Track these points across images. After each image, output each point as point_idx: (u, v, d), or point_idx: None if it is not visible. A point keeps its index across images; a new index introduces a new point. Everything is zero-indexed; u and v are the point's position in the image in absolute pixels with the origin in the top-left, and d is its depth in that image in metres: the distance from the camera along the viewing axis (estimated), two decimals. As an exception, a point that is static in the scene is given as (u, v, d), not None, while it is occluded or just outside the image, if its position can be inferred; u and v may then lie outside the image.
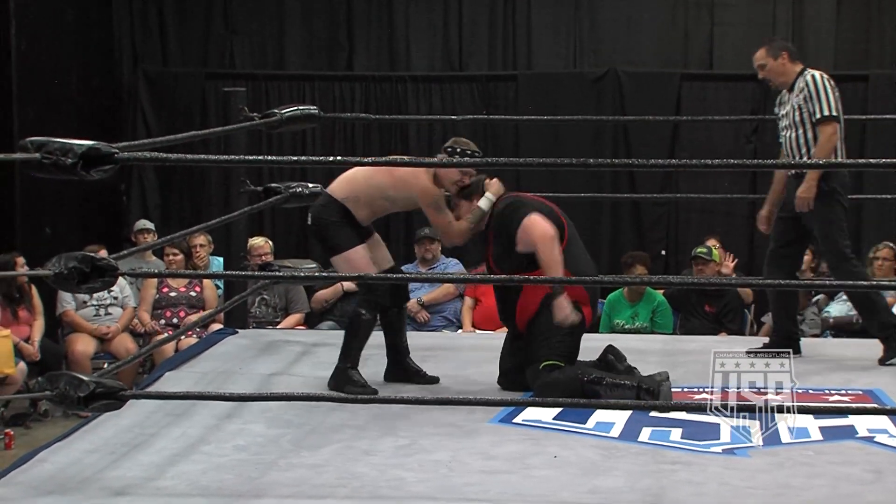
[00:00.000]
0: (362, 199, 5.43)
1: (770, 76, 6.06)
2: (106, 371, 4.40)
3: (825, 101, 5.85)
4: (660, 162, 5.53)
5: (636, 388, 5.03)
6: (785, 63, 6.03)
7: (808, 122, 5.90)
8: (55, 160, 3.71)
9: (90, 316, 8.78)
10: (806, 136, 5.91)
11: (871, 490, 3.93)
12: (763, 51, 6.08)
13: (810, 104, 5.87)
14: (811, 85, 5.89)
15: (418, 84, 10.84)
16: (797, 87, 5.96)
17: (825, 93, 5.86)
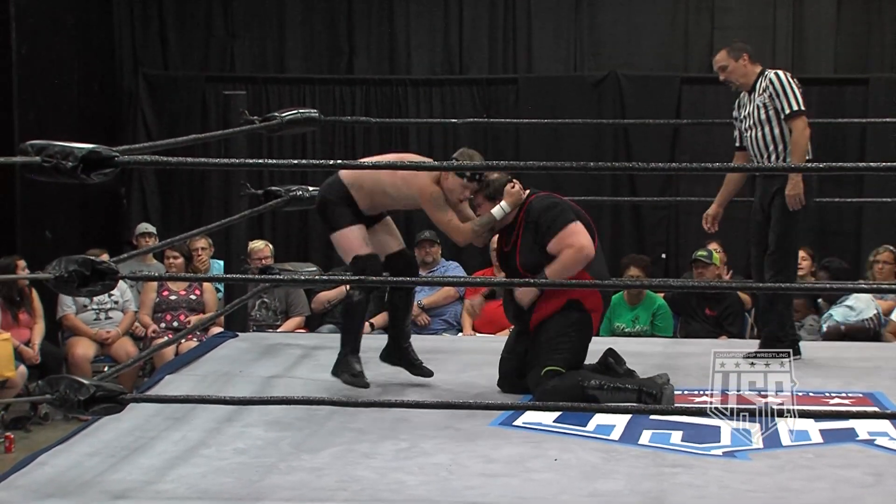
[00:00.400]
0: (365, 188, 5.44)
1: (732, 78, 6.11)
2: (106, 374, 4.40)
3: (792, 96, 5.93)
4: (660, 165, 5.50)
5: (638, 391, 5.03)
6: (746, 64, 6.09)
7: (774, 119, 5.96)
8: (56, 163, 3.72)
9: (90, 320, 8.78)
10: (773, 133, 5.97)
11: (871, 493, 3.93)
12: (724, 53, 6.14)
13: (777, 101, 5.94)
14: (776, 82, 5.96)
15: (418, 87, 10.84)
16: (759, 87, 6.03)
17: (791, 89, 5.95)
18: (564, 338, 5.18)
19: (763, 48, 10.44)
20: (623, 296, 8.50)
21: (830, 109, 10.06)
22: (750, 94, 6.09)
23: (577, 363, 5.24)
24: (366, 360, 5.88)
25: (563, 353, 5.17)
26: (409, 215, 10.69)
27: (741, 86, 6.13)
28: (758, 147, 6.03)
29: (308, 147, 10.78)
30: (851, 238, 10.23)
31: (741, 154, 6.26)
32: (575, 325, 5.21)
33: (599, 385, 5.06)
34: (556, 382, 5.07)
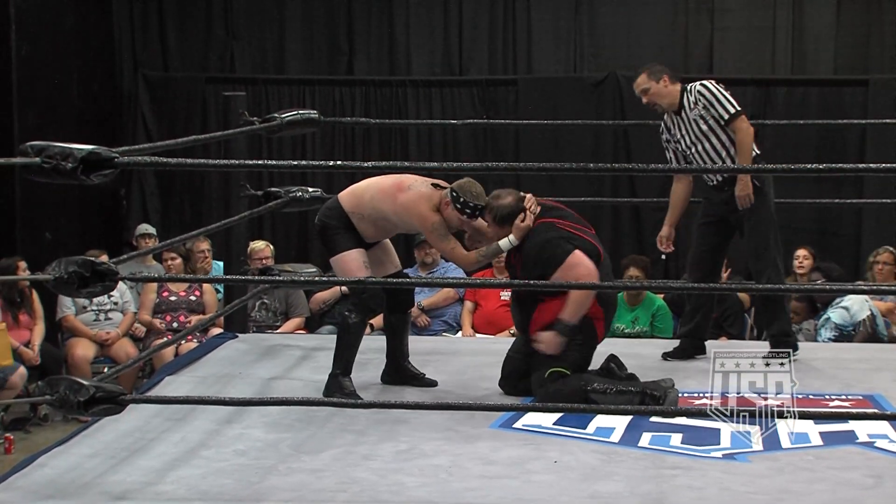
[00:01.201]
0: (366, 216, 5.42)
1: (655, 99, 6.06)
2: (106, 375, 4.40)
3: (726, 101, 5.92)
4: (660, 167, 5.51)
5: (641, 394, 5.02)
6: (667, 85, 6.05)
7: (716, 128, 5.94)
8: (55, 165, 3.72)
9: (90, 321, 8.78)
10: (720, 140, 5.95)
11: (871, 495, 3.93)
12: (644, 76, 6.08)
13: (713, 109, 5.92)
14: (706, 93, 5.94)
15: (418, 88, 10.85)
16: (689, 102, 5.99)
17: (722, 94, 5.94)
18: (570, 342, 5.17)
19: (763, 50, 10.47)
20: (623, 297, 8.50)
21: (830, 110, 10.08)
22: (679, 114, 6.04)
23: (581, 367, 5.24)
24: (366, 361, 5.89)
25: (569, 356, 5.16)
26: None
27: (667, 107, 6.06)
28: (708, 160, 5.98)
29: (308, 148, 10.78)
30: (851, 239, 10.23)
31: (682, 177, 6.24)
32: (579, 330, 5.19)
33: (603, 388, 5.05)
34: (559, 385, 5.07)
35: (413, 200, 5.32)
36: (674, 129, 6.11)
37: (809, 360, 6.01)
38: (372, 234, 5.48)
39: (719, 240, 6.19)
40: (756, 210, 5.95)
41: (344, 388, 5.25)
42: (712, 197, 6.11)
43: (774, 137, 10.08)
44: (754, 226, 5.98)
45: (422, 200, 5.33)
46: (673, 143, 6.17)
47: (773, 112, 10.18)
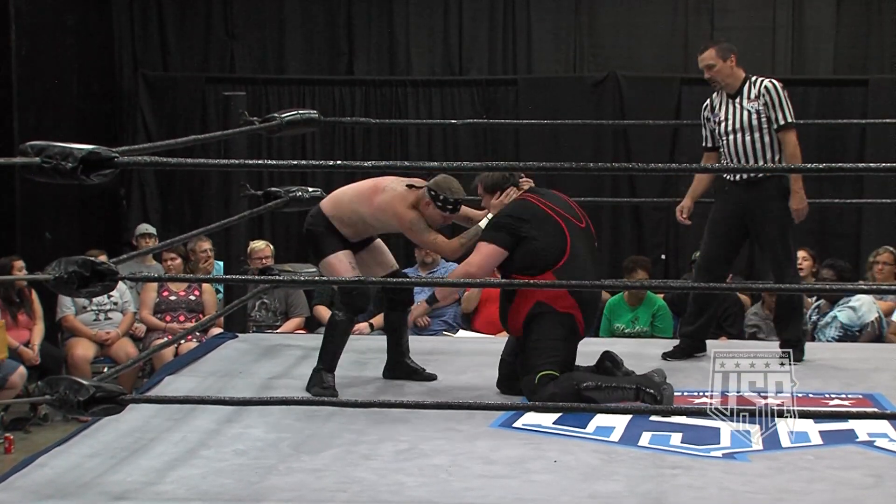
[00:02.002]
0: (345, 220, 5.51)
1: (718, 77, 6.06)
2: (106, 375, 4.40)
3: (787, 108, 5.93)
4: (660, 166, 5.53)
5: (636, 390, 5.00)
6: (733, 66, 6.07)
7: (766, 127, 5.93)
8: (55, 164, 3.71)
9: (90, 321, 8.78)
10: (763, 140, 5.94)
11: (870, 495, 3.93)
12: (712, 51, 6.08)
13: (771, 110, 5.92)
14: (773, 91, 5.95)
15: (418, 88, 10.85)
16: (751, 93, 5.99)
17: (786, 101, 5.95)
18: (549, 340, 5.14)
19: (763, 49, 10.46)
20: (623, 297, 8.50)
21: (830, 110, 10.08)
22: (733, 98, 6.02)
23: (566, 362, 5.20)
24: (366, 361, 5.90)
25: (553, 356, 5.12)
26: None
27: (727, 87, 6.05)
28: (744, 153, 5.97)
29: (308, 148, 10.79)
30: (851, 239, 10.24)
31: (712, 155, 6.18)
32: (558, 326, 5.16)
33: (596, 385, 5.03)
34: (551, 388, 5.03)
35: (388, 202, 5.41)
36: (718, 110, 6.08)
37: (809, 360, 6.02)
38: (351, 233, 5.56)
39: (732, 242, 6.16)
40: (780, 218, 5.94)
41: (323, 382, 5.30)
42: (732, 196, 6.04)
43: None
44: (779, 234, 5.97)
45: (397, 200, 5.40)
46: (713, 123, 6.13)
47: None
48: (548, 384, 5.05)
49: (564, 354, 5.19)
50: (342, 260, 5.47)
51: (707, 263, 6.16)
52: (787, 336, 6.00)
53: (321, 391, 5.24)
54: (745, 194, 5.98)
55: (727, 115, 6.03)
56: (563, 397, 4.97)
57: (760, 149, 5.94)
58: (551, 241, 5.20)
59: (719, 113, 6.07)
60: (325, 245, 5.50)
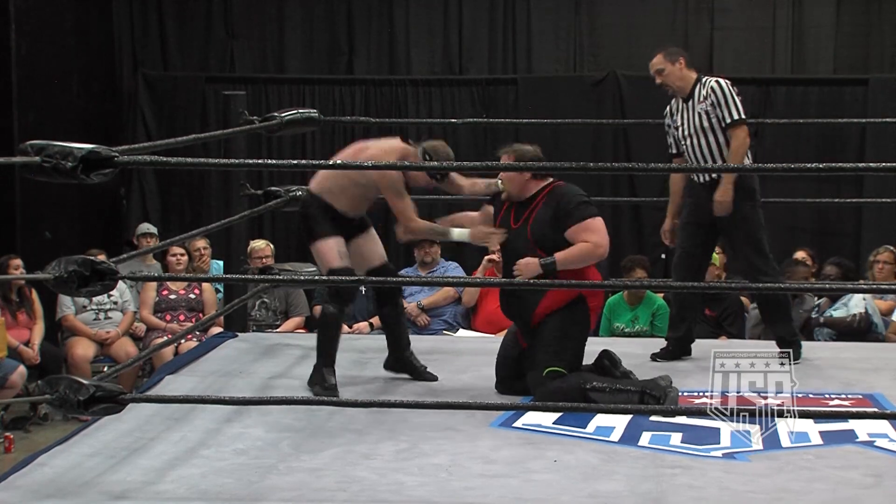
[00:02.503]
0: (335, 189, 5.48)
1: (669, 81, 6.06)
2: (106, 375, 4.40)
3: (734, 105, 5.91)
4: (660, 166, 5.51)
5: (641, 392, 5.01)
6: (682, 69, 6.06)
7: (717, 127, 5.93)
8: (55, 164, 3.71)
9: (90, 320, 8.79)
10: (717, 141, 5.94)
11: (870, 494, 3.93)
12: (660, 56, 6.07)
13: (719, 110, 5.91)
14: (718, 91, 5.93)
15: (418, 88, 10.86)
16: (699, 94, 5.98)
17: (732, 98, 5.93)
18: (567, 339, 5.16)
19: (762, 49, 10.48)
20: (623, 296, 8.50)
21: (830, 110, 10.09)
22: (686, 102, 6.03)
23: (576, 362, 5.22)
24: (366, 360, 5.90)
25: (565, 354, 5.15)
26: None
27: (677, 90, 6.06)
28: (701, 156, 5.98)
29: (308, 147, 10.78)
30: (851, 238, 10.23)
31: (680, 160, 6.19)
32: (578, 324, 5.20)
33: (602, 387, 5.04)
34: (558, 384, 5.06)
35: (375, 155, 5.42)
36: (676, 115, 6.11)
37: (809, 360, 6.02)
38: (348, 205, 5.52)
39: (704, 243, 6.16)
40: (748, 216, 5.94)
41: (325, 382, 5.29)
42: (700, 197, 6.04)
43: (774, 137, 10.09)
44: (748, 231, 5.96)
45: (384, 154, 5.42)
46: (673, 129, 6.15)
47: (772, 111, 10.19)
48: (554, 379, 5.06)
49: (574, 353, 5.21)
50: (332, 247, 5.44)
51: (681, 262, 6.15)
52: (781, 334, 5.99)
53: (322, 391, 5.23)
54: (708, 195, 5.97)
55: (682, 119, 6.06)
56: (567, 394, 4.98)
57: (716, 150, 5.94)
58: None
59: (677, 118, 6.09)
60: (317, 228, 5.47)
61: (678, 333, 6.18)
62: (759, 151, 10.07)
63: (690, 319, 6.22)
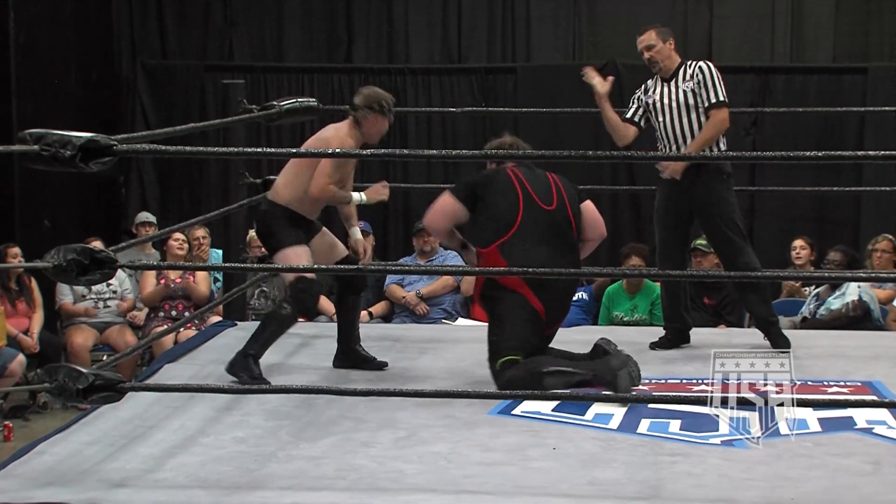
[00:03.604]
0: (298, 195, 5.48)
1: (658, 57, 6.08)
2: (105, 363, 4.40)
3: (719, 88, 5.94)
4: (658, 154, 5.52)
5: (592, 375, 4.94)
6: (671, 49, 6.10)
7: (700, 107, 5.95)
8: (54, 152, 3.71)
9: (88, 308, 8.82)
10: (698, 120, 5.96)
11: (869, 482, 3.93)
12: (652, 32, 6.10)
13: (703, 90, 5.93)
14: (706, 72, 5.96)
15: (417, 76, 10.85)
16: (685, 73, 6.00)
17: (719, 81, 5.96)
18: (509, 324, 5.13)
19: (762, 37, 10.47)
20: (622, 285, 8.51)
21: (829, 98, 10.09)
22: (668, 81, 6.05)
23: (526, 345, 5.13)
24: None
25: (507, 340, 5.10)
26: (407, 205, 10.72)
27: (663, 68, 6.07)
28: (672, 134, 6.01)
29: (307, 136, 10.71)
30: (850, 227, 10.23)
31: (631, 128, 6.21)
32: (514, 308, 5.14)
33: (555, 371, 4.99)
34: (512, 373, 5.01)
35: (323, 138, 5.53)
36: (652, 92, 6.13)
37: (808, 347, 6.02)
38: (310, 206, 5.54)
39: (683, 229, 6.16)
40: (723, 197, 5.95)
41: (251, 371, 5.25)
42: (672, 183, 6.05)
43: (773, 125, 10.09)
44: (723, 212, 5.97)
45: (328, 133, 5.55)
46: (645, 101, 6.17)
47: (772, 100, 10.19)
48: (509, 368, 5.05)
49: (526, 338, 5.13)
50: (300, 255, 5.39)
51: (663, 251, 6.15)
52: (758, 315, 6.02)
53: (250, 380, 5.17)
54: (684, 178, 5.98)
55: (660, 95, 6.06)
56: (521, 382, 4.94)
57: (696, 129, 5.96)
58: (503, 214, 5.23)
59: (653, 95, 6.11)
60: (282, 237, 5.42)
61: (675, 323, 6.18)
62: (758, 140, 10.11)
63: (683, 307, 6.21)
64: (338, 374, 5.38)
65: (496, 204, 5.25)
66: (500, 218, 5.22)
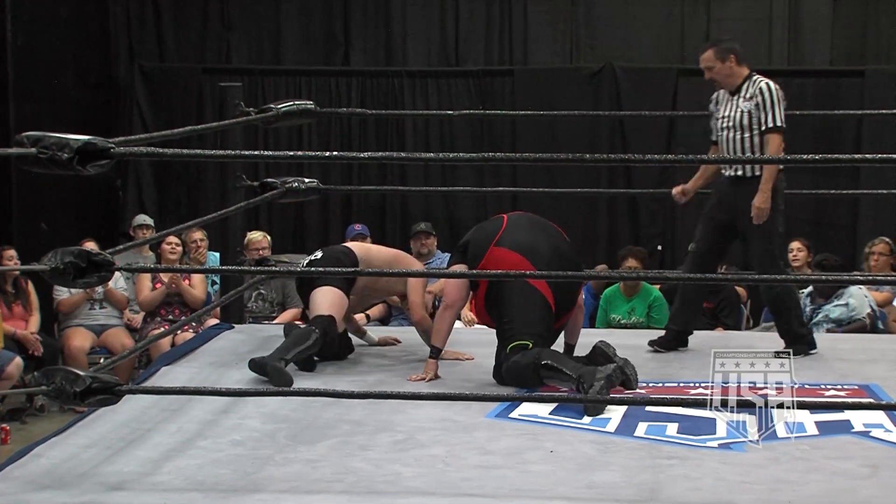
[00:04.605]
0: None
1: (718, 77, 6.04)
2: (102, 366, 4.39)
3: (777, 111, 5.92)
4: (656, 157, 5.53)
5: (576, 379, 4.93)
6: (732, 66, 6.04)
7: (755, 127, 5.93)
8: (51, 155, 3.71)
9: (85, 310, 8.80)
10: (752, 140, 5.94)
11: (866, 485, 3.93)
12: (710, 52, 6.06)
13: (761, 112, 5.90)
14: (765, 93, 5.93)
15: (415, 79, 10.86)
16: (747, 91, 5.97)
17: (777, 103, 5.94)
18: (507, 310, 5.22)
19: (759, 40, 10.47)
20: (619, 287, 8.51)
21: (826, 101, 10.08)
22: (733, 96, 6.01)
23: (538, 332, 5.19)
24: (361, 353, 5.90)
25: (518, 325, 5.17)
26: (404, 208, 10.72)
27: (727, 86, 6.04)
28: (734, 150, 5.98)
29: (304, 139, 10.78)
30: (847, 230, 10.25)
31: (715, 149, 6.17)
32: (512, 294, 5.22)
33: (551, 366, 5.00)
34: (517, 358, 5.10)
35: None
36: (721, 105, 6.08)
37: (806, 351, 6.02)
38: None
39: (723, 237, 6.14)
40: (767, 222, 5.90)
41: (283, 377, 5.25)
42: (724, 192, 6.04)
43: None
44: (763, 237, 5.93)
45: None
46: (714, 118, 6.12)
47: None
48: (516, 353, 5.11)
49: (536, 323, 5.20)
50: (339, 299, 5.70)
51: (698, 257, 6.15)
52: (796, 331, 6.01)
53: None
54: (731, 189, 5.98)
55: (725, 111, 6.04)
56: (523, 366, 5.04)
57: (749, 148, 5.94)
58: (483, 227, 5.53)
59: (721, 108, 6.08)
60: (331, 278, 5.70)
61: (677, 326, 6.17)
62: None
63: (691, 313, 6.21)
64: (335, 377, 5.37)
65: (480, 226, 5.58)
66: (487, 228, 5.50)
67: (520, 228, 5.41)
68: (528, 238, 5.35)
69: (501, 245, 5.32)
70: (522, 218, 5.54)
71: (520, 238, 5.35)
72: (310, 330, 5.52)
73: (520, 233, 5.38)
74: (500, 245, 5.32)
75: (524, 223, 5.47)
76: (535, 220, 5.53)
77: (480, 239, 5.43)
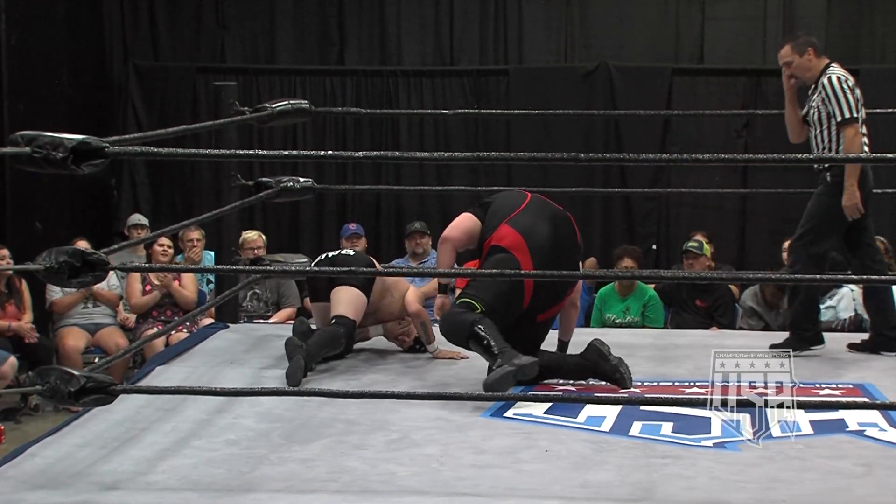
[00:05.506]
0: None
1: (797, 73, 5.99)
2: (97, 366, 4.40)
3: (844, 103, 5.82)
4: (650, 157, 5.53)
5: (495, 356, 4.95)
6: (811, 59, 5.97)
7: (825, 121, 5.86)
8: (45, 154, 3.70)
9: (79, 310, 8.80)
10: (824, 134, 5.89)
11: (861, 484, 3.94)
12: (788, 48, 6.01)
13: (828, 105, 5.83)
14: (828, 87, 5.84)
15: (409, 78, 10.85)
16: (818, 86, 5.91)
17: (843, 95, 5.84)
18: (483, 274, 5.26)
19: (753, 39, 10.48)
20: (614, 287, 8.51)
21: (821, 100, 10.08)
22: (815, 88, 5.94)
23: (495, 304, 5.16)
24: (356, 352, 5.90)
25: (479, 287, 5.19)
26: (399, 207, 10.72)
27: (808, 80, 5.97)
28: (814, 147, 5.93)
29: (299, 138, 10.78)
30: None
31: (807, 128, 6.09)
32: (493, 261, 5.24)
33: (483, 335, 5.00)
34: (457, 310, 5.12)
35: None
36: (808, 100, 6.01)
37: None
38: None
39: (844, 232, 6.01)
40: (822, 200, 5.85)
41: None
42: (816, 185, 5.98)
43: (766, 128, 10.09)
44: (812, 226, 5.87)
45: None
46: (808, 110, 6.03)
47: (764, 102, 10.18)
48: (459, 308, 5.14)
49: (497, 294, 5.18)
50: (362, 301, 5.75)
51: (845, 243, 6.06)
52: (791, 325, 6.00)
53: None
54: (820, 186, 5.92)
55: (805, 107, 6.00)
56: (457, 324, 5.08)
57: (825, 143, 5.88)
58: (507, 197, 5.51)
59: (807, 103, 6.01)
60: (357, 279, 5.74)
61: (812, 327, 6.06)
62: (750, 142, 10.13)
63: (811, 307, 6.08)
64: (330, 377, 5.36)
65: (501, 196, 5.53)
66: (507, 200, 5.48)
67: (537, 214, 5.36)
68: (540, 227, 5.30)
69: (512, 224, 5.29)
70: (544, 205, 5.47)
71: (532, 223, 5.31)
72: (338, 333, 5.58)
73: (534, 218, 5.34)
74: (511, 224, 5.30)
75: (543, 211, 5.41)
76: (555, 213, 5.44)
77: (500, 209, 5.39)
